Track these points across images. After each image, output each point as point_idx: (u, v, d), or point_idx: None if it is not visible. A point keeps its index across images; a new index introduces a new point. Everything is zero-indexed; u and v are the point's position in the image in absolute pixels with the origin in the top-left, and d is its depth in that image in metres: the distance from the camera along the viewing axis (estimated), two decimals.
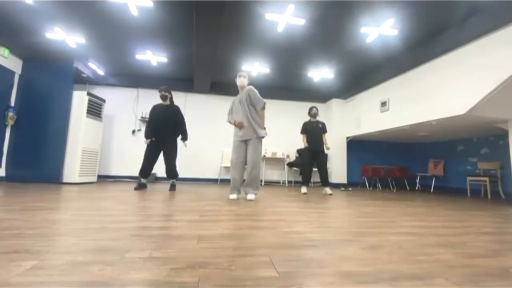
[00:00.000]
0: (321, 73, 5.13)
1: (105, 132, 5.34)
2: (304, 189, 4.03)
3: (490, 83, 3.02)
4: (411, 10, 3.12)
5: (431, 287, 0.80)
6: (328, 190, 3.99)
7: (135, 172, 5.52)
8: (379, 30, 3.50)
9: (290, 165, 6.05)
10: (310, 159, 4.11)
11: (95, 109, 4.71)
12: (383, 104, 4.90)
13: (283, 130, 6.42)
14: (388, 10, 3.13)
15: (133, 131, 5.79)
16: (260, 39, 3.95)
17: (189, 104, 6.08)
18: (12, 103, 4.35)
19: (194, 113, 6.02)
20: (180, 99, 6.00)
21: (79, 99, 4.49)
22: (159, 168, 5.69)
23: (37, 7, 3.28)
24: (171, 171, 3.71)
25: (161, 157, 3.75)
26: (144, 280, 0.78)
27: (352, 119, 5.94)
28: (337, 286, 0.78)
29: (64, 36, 3.91)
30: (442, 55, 3.73)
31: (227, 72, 5.30)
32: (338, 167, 6.10)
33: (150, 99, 5.90)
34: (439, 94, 3.72)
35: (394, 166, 6.29)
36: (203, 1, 2.83)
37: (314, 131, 4.13)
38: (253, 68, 4.99)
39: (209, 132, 6.04)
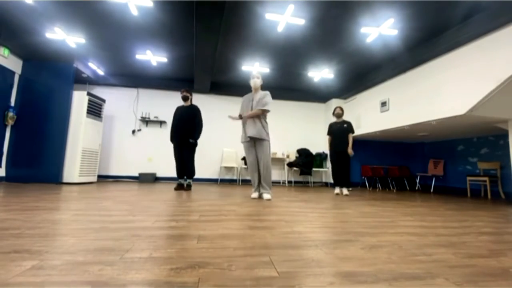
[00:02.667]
0: (321, 73, 5.13)
1: (105, 132, 5.35)
2: (337, 190, 4.08)
3: (490, 83, 3.02)
4: (411, 10, 3.12)
5: (431, 287, 0.80)
6: (345, 190, 4.01)
7: (135, 172, 5.57)
8: (379, 30, 3.50)
9: (290, 165, 6.05)
10: (336, 160, 4.12)
11: (95, 109, 4.72)
12: (383, 104, 4.90)
13: (283, 130, 6.42)
14: (388, 10, 3.13)
15: (133, 131, 5.79)
16: (260, 39, 3.95)
17: None
18: (12, 103, 4.35)
19: None
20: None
21: (79, 99, 4.49)
22: (159, 168, 5.74)
23: (37, 7, 3.28)
24: (187, 170, 3.78)
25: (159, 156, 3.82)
26: (144, 280, 0.78)
27: (352, 119, 5.92)
28: (337, 286, 0.78)
29: (64, 36, 3.91)
30: (442, 55, 3.73)
31: (227, 72, 5.31)
32: None
33: (150, 99, 5.91)
34: (439, 94, 3.72)
35: (394, 166, 6.29)
36: (203, 1, 2.83)
37: (339, 132, 4.13)
38: (253, 68, 4.99)
39: (209, 132, 6.03)
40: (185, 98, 3.85)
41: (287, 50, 4.26)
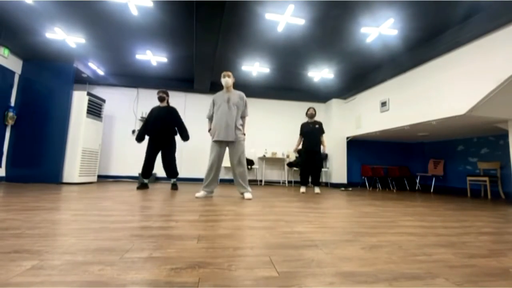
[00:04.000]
0: (321, 73, 5.13)
1: (105, 132, 5.35)
2: (303, 189, 4.10)
3: (490, 83, 3.02)
4: (411, 10, 3.12)
5: (431, 287, 0.80)
6: (316, 189, 4.10)
7: (135, 172, 5.57)
8: (379, 30, 3.50)
9: (290, 165, 6.05)
10: (307, 160, 4.15)
11: (95, 109, 4.71)
12: (383, 104, 4.90)
13: (283, 130, 6.42)
14: (388, 10, 3.13)
15: (133, 131, 5.79)
16: (260, 39, 3.95)
17: (189, 104, 6.08)
18: (12, 103, 4.35)
19: (194, 113, 6.02)
20: (180, 99, 6.01)
21: (79, 99, 4.49)
22: (159, 168, 5.72)
23: (37, 7, 3.28)
24: (171, 170, 3.77)
25: (159, 157, 3.82)
26: (144, 280, 0.78)
27: (352, 119, 5.94)
28: (337, 286, 0.78)
29: (64, 36, 3.91)
30: (442, 55, 3.73)
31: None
32: (338, 167, 6.09)
33: (150, 99, 5.90)
34: (439, 94, 3.72)
35: (394, 166, 6.29)
36: (203, 1, 2.83)
37: (311, 133, 4.17)
38: (253, 68, 4.99)
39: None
40: (161, 99, 3.80)
41: (287, 50, 4.26)
